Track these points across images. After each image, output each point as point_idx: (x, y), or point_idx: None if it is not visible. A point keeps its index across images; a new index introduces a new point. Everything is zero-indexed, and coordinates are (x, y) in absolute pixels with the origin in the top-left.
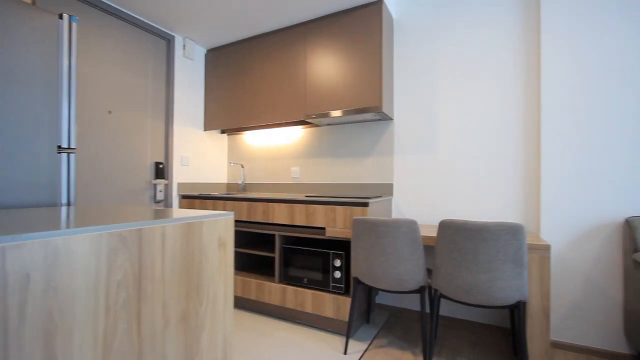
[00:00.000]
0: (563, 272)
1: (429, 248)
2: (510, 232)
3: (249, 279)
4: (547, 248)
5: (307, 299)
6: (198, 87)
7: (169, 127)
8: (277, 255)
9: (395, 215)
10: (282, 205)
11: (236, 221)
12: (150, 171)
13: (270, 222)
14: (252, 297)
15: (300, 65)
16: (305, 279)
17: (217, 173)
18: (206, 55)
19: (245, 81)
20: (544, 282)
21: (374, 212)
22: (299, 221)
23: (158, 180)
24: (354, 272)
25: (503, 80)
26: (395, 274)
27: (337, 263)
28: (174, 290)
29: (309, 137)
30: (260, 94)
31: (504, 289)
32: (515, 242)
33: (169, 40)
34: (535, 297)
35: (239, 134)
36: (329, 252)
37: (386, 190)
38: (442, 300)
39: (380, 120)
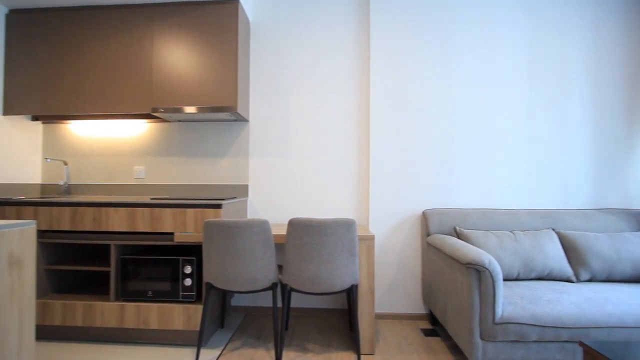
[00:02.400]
0: (383, 256)
1: (282, 246)
2: (346, 227)
3: (72, 301)
4: (372, 238)
5: (152, 314)
6: None
7: None
8: (112, 268)
9: (250, 215)
10: (120, 209)
11: (54, 232)
12: None
13: (103, 230)
14: (79, 323)
15: (145, 51)
16: (150, 292)
17: (26, 171)
18: (8, 17)
19: (71, 58)
20: (370, 267)
21: (228, 213)
22: (143, 227)
23: None
24: (207, 277)
25: (344, 95)
26: (249, 273)
27: (188, 270)
28: None
29: (156, 133)
30: (92, 76)
31: (342, 276)
32: (349, 235)
33: None
34: (364, 279)
35: (61, 122)
36: (179, 259)
37: (242, 191)
38: (293, 293)
39: (236, 120)
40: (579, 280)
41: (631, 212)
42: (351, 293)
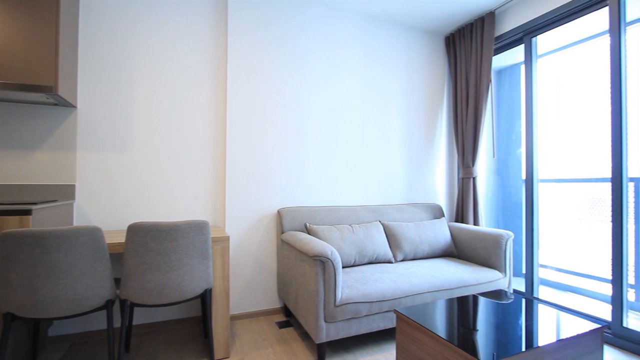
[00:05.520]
0: (240, 256)
1: (120, 256)
2: (198, 229)
3: None
4: (227, 239)
5: None
6: None
7: None
8: None
9: (79, 222)
10: None
11: None
12: None
13: None
14: None
15: None
16: None
17: None
18: None
19: None
20: (224, 268)
21: (42, 221)
22: None
23: None
24: (5, 306)
25: (198, 88)
26: (73, 294)
27: None
28: None
29: None
30: None
31: (193, 282)
32: (202, 237)
33: None
34: (218, 282)
35: None
36: None
37: (66, 193)
38: (137, 309)
39: (56, 105)
40: (396, 261)
41: (428, 205)
42: (205, 298)
